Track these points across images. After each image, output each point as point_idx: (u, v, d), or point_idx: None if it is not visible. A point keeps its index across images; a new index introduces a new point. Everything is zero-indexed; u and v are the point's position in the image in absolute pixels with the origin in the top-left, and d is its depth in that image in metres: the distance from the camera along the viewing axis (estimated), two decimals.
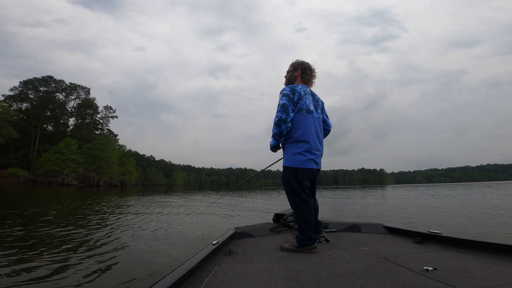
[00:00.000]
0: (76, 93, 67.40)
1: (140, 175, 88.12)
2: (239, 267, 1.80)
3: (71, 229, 6.13)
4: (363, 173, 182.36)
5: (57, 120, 64.48)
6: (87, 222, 7.32)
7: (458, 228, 6.42)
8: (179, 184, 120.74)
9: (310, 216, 2.26)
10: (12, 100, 59.30)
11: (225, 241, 2.39)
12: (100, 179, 55.00)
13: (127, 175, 62.92)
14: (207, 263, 1.84)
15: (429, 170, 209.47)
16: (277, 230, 3.09)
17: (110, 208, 11.48)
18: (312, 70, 2.54)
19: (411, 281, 1.39)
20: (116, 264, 3.67)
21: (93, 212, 9.82)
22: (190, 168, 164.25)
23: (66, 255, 4.02)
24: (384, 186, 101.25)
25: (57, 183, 48.32)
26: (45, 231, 5.81)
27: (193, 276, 1.57)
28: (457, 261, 1.68)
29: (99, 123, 71.74)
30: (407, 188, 50.91)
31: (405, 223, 7.30)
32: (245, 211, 11.29)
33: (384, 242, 2.38)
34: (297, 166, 2.28)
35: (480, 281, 1.34)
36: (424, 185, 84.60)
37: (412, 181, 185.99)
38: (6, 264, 3.51)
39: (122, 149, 67.20)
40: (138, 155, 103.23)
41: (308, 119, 2.32)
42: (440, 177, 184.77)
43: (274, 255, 2.10)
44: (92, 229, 6.22)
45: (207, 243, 2.18)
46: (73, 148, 50.97)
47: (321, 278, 1.52)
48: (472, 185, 52.89)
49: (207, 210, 10.91)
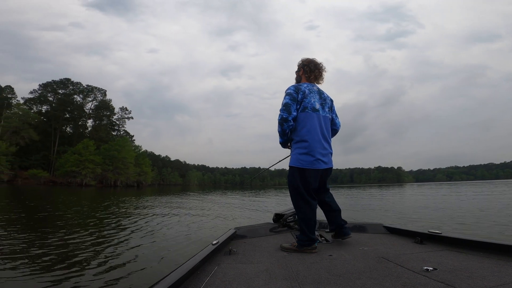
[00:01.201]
0: (93, 95, 68.69)
1: (156, 175, 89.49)
2: (239, 267, 1.80)
3: (76, 230, 6.11)
4: (380, 171, 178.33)
5: (76, 122, 65.86)
6: (93, 223, 7.35)
7: (478, 230, 5.93)
8: (194, 183, 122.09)
9: (311, 217, 2.24)
10: (32, 102, 61.04)
11: (225, 241, 2.38)
12: (117, 180, 55.64)
13: (142, 175, 63.52)
14: (207, 263, 1.83)
15: (450, 167, 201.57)
16: (277, 230, 3.09)
17: (122, 209, 11.49)
18: (317, 66, 2.46)
19: (411, 281, 1.39)
20: (117, 264, 3.69)
21: (104, 213, 9.83)
22: (204, 168, 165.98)
23: (65, 255, 4.04)
24: (402, 184, 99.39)
25: (76, 183, 49.21)
26: (56, 231, 5.83)
27: (193, 276, 1.56)
28: (457, 261, 1.67)
29: (115, 124, 72.84)
30: (427, 186, 49.34)
31: (419, 225, 6.79)
32: (246, 211, 11.36)
33: (384, 242, 2.36)
34: (303, 166, 2.25)
35: (480, 281, 1.33)
36: (445, 183, 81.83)
37: (432, 179, 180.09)
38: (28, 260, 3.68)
39: (137, 149, 67.94)
40: (154, 156, 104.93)
41: (313, 118, 2.28)
42: (461, 175, 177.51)
43: (274, 255, 2.10)
44: (97, 230, 6.19)
45: (207, 243, 2.16)
46: (91, 149, 51.80)
47: (321, 278, 1.52)
48: (493, 183, 51.19)
49: (212, 211, 10.92)
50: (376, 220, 5.83)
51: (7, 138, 48.36)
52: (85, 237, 5.31)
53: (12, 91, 60.00)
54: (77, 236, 5.37)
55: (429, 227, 4.86)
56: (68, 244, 4.69)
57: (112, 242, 5.02)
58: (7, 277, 3.05)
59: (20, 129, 50.10)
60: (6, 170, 44.91)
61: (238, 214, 9.90)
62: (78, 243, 4.84)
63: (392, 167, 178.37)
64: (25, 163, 52.68)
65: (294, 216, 3.25)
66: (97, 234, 5.67)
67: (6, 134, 48.99)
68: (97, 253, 4.16)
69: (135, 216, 8.76)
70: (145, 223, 7.38)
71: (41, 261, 3.69)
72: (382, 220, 5.95)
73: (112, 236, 5.58)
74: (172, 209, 11.39)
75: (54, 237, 5.18)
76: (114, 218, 8.30)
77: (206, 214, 9.73)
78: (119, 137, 64.48)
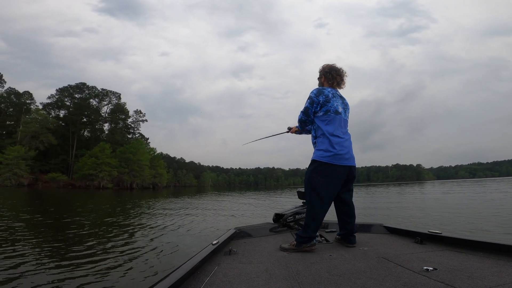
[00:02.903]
0: (108, 99, 69.69)
1: (172, 177, 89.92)
2: (239, 267, 1.80)
3: (79, 231, 6.19)
4: (398, 169, 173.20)
5: (93, 126, 67.03)
6: (97, 224, 7.37)
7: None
8: (208, 185, 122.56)
9: (321, 217, 2.28)
10: (50, 107, 62.54)
11: (225, 241, 2.37)
12: (133, 182, 55.92)
13: (158, 177, 63.76)
14: (207, 263, 1.83)
15: (473, 164, 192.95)
16: (277, 230, 3.09)
17: (131, 211, 11.61)
18: (338, 72, 2.51)
19: (411, 281, 1.39)
20: (117, 265, 3.69)
21: (112, 215, 9.86)
22: (218, 169, 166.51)
23: (65, 255, 4.09)
24: (422, 182, 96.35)
25: (94, 186, 49.75)
26: (62, 233, 5.93)
27: (193, 276, 1.57)
28: (457, 261, 1.68)
29: (130, 127, 73.72)
30: (449, 184, 47.54)
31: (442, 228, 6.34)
32: (246, 210, 11.40)
33: (384, 242, 2.36)
34: (329, 162, 2.27)
35: (480, 281, 1.34)
36: (468, 181, 78.24)
37: (454, 176, 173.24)
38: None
39: (152, 152, 68.43)
40: (169, 158, 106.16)
41: (335, 120, 2.35)
42: (485, 172, 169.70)
43: (274, 255, 2.10)
44: (98, 231, 6.27)
45: (207, 243, 2.15)
46: (107, 152, 52.30)
47: (321, 278, 1.52)
48: None
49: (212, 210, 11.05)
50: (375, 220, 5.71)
51: (26, 142, 49.62)
52: (86, 237, 5.37)
53: (30, 97, 61.79)
54: (78, 236, 5.43)
55: (431, 227, 4.55)
56: (69, 245, 4.74)
57: (112, 242, 5.07)
58: (11, 275, 3.13)
59: (38, 133, 51.30)
60: (26, 174, 46.02)
61: (237, 213, 9.90)
62: (79, 243, 4.88)
63: (411, 165, 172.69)
64: (45, 167, 53.95)
65: (294, 216, 3.21)
66: (98, 234, 5.73)
67: (25, 138, 50.29)
68: (97, 253, 4.18)
69: (142, 217, 8.81)
70: (148, 224, 7.43)
71: (41, 261, 3.74)
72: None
73: (112, 236, 5.65)
74: (181, 210, 11.39)
75: (59, 238, 5.27)
76: (120, 220, 8.33)
77: (207, 214, 9.76)
78: (134, 140, 65.11)
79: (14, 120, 57.50)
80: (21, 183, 44.76)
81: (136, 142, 60.80)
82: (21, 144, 48.60)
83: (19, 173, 44.68)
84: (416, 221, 7.64)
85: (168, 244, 4.97)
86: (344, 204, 2.41)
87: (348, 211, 2.40)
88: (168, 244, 4.98)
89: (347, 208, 2.41)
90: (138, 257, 4.07)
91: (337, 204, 2.44)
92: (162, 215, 9.79)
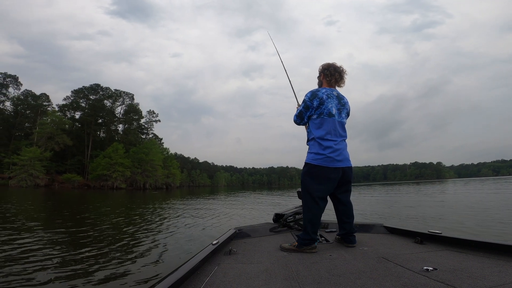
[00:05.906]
0: (121, 99, 70.15)
1: (186, 177, 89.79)
2: (239, 267, 1.80)
3: (84, 231, 6.20)
4: (417, 167, 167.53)
5: (107, 127, 67.64)
6: (101, 225, 7.23)
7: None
8: (222, 184, 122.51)
9: (318, 218, 2.26)
10: (66, 109, 63.44)
11: (225, 241, 2.37)
12: (146, 182, 55.87)
13: (171, 177, 63.55)
14: (207, 263, 1.83)
15: (496, 161, 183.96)
16: (277, 230, 3.07)
17: (139, 211, 11.36)
18: (337, 69, 2.46)
19: (411, 281, 1.40)
20: (118, 265, 3.65)
21: (120, 216, 9.47)
22: (232, 168, 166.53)
23: (66, 255, 4.06)
24: (442, 180, 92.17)
25: (108, 186, 49.93)
26: (67, 232, 5.95)
27: (193, 276, 1.57)
28: (457, 261, 1.67)
29: (144, 127, 74.01)
30: (472, 182, 44.47)
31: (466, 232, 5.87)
32: (247, 210, 11.41)
33: (384, 242, 2.36)
34: (320, 164, 2.26)
35: (480, 281, 1.34)
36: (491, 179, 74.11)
37: (476, 174, 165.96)
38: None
39: (166, 152, 68.32)
40: (183, 158, 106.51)
41: (328, 123, 2.32)
42: (509, 169, 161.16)
43: (274, 255, 2.09)
44: (101, 231, 6.18)
45: (207, 243, 2.15)
46: (120, 152, 52.36)
47: (321, 278, 1.52)
48: None
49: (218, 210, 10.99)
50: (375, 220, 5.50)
51: (42, 144, 50.30)
52: (87, 237, 5.39)
53: (47, 99, 62.88)
54: (78, 236, 5.46)
55: (430, 227, 4.59)
56: (70, 244, 4.73)
57: (112, 242, 5.07)
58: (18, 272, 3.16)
59: (54, 135, 51.92)
60: (41, 175, 46.55)
61: (237, 213, 9.73)
62: (80, 243, 4.87)
63: (431, 163, 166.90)
64: (61, 168, 54.69)
65: (294, 216, 3.18)
66: (98, 234, 5.76)
67: (42, 140, 50.99)
68: (97, 254, 4.17)
69: (146, 218, 8.76)
70: (150, 224, 7.42)
71: (39, 260, 3.73)
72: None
73: (112, 236, 5.68)
74: (188, 211, 11.18)
75: (59, 238, 5.23)
76: (121, 220, 8.24)
77: (208, 214, 9.64)
78: (147, 140, 65.15)
79: (31, 122, 58.61)
80: (37, 184, 45.28)
81: (149, 142, 60.77)
82: (37, 145, 49.30)
83: (34, 174, 45.22)
84: (428, 222, 7.12)
85: (168, 244, 4.95)
86: (342, 204, 2.39)
87: (346, 211, 2.39)
88: (168, 244, 4.95)
89: (345, 208, 2.39)
90: (138, 257, 4.06)
91: (335, 204, 2.43)
92: (167, 215, 9.65)
